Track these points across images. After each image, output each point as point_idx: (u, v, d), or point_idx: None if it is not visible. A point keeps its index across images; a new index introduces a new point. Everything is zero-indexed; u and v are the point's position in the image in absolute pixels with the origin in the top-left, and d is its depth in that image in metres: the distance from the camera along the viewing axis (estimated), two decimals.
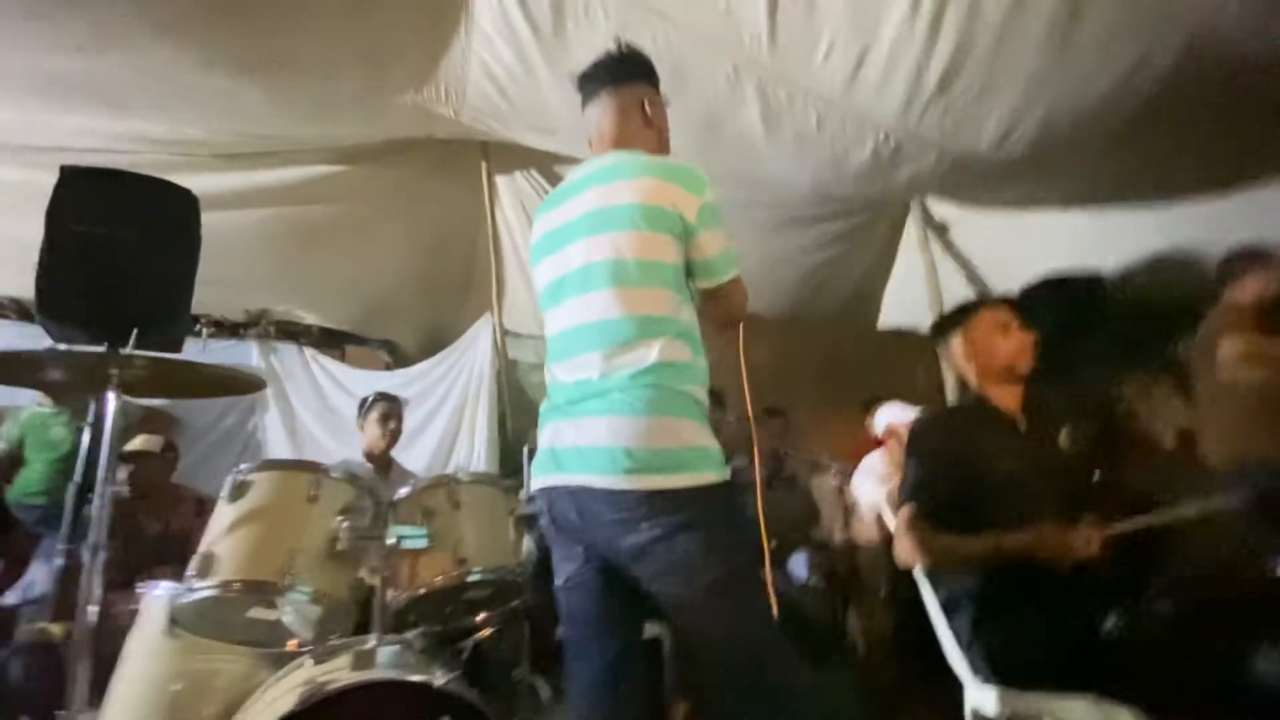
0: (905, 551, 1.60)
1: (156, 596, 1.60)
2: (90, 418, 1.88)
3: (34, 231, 1.94)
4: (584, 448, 1.19)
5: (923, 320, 3.95)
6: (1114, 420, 2.21)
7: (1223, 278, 2.46)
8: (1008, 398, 1.68)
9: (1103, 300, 3.34)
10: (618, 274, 1.21)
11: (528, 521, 1.77)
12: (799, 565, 3.06)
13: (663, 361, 1.17)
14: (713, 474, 1.16)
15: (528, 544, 1.74)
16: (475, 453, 3.87)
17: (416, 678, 1.35)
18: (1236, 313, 2.36)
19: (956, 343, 1.75)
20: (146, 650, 1.56)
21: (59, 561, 1.86)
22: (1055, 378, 1.66)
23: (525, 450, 2.82)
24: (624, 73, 1.40)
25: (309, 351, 4.05)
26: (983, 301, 1.81)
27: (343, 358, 4.22)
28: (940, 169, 2.96)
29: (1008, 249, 3.84)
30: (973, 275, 4.03)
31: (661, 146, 1.40)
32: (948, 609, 1.69)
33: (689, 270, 1.27)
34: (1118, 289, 3.43)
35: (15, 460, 3.22)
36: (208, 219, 2.29)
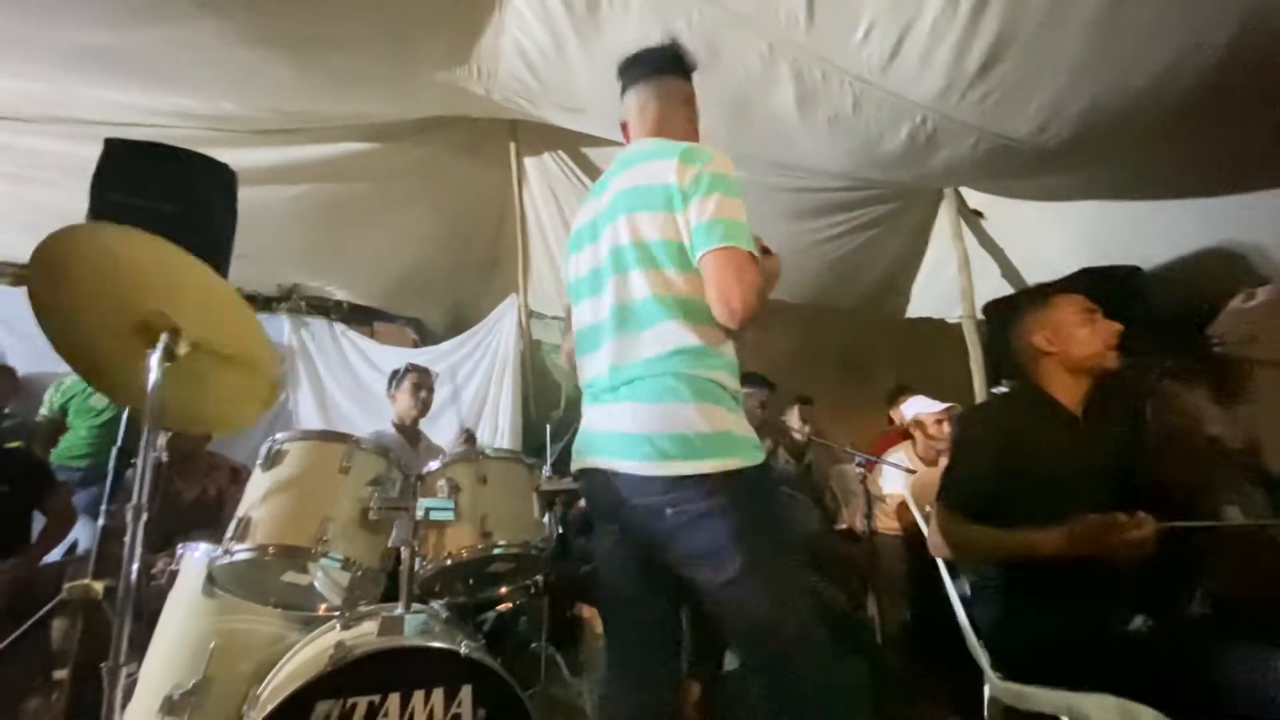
0: (938, 543, 1.58)
1: (195, 558, 1.66)
2: None
3: (75, 202, 1.99)
4: (613, 433, 1.21)
5: (951, 311, 3.89)
6: (1153, 417, 2.15)
7: None
8: (1071, 390, 1.58)
9: (1142, 294, 3.25)
10: (642, 256, 1.21)
11: (550, 499, 1.78)
12: None
13: (688, 346, 1.17)
14: (740, 459, 1.13)
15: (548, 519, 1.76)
16: (499, 431, 3.91)
17: (442, 645, 1.37)
18: None
19: (1028, 326, 1.63)
20: (185, 608, 1.61)
21: (101, 521, 1.92)
22: None
23: (548, 429, 2.85)
24: (672, 66, 1.41)
25: (339, 327, 4.12)
26: (1058, 286, 1.70)
27: (372, 334, 4.29)
28: (977, 155, 2.89)
29: (1043, 241, 3.74)
30: (1007, 267, 3.95)
31: (691, 139, 1.37)
32: (972, 599, 1.67)
33: None
34: (1158, 283, 3.33)
35: (58, 426, 3.34)
36: (242, 194, 2.33)
